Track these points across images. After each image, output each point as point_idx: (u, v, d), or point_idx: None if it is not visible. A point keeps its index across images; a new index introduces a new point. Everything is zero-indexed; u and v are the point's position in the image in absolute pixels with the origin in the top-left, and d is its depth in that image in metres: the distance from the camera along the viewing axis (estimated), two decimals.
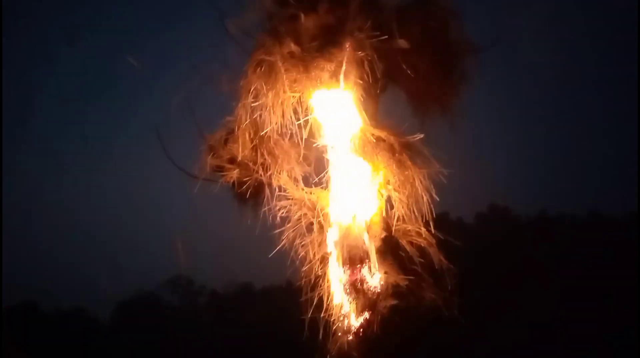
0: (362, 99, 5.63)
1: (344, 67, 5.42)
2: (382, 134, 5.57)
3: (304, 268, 5.49)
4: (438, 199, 5.45)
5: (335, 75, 5.46)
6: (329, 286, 5.43)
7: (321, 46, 5.34)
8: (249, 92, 5.53)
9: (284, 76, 5.39)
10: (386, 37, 5.48)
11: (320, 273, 5.46)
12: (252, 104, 5.54)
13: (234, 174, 5.74)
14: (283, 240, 5.53)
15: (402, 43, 5.45)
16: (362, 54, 5.45)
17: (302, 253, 5.51)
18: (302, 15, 5.40)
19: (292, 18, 5.45)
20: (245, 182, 5.72)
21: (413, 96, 5.92)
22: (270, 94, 5.43)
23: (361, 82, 5.57)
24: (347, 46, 5.43)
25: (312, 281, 5.45)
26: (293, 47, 5.33)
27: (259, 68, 5.47)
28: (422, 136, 5.54)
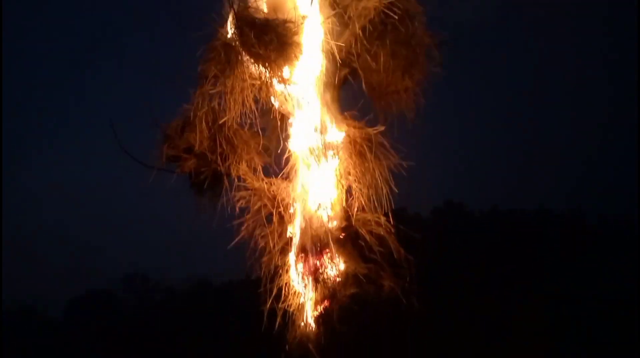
0: (322, 91, 5.60)
1: (301, 61, 5.35)
2: (343, 125, 5.56)
3: (263, 259, 5.41)
4: (397, 191, 5.49)
5: (295, 67, 5.40)
6: (288, 277, 5.39)
7: (280, 44, 5.22)
8: (207, 78, 5.38)
9: (244, 64, 5.28)
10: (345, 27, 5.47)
11: (279, 264, 5.40)
12: (211, 92, 5.40)
13: (191, 164, 5.57)
14: (242, 231, 5.43)
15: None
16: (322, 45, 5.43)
17: (262, 244, 5.43)
18: (262, 11, 5.30)
19: (253, 11, 5.33)
20: (202, 172, 5.57)
21: (373, 88, 5.93)
22: (229, 81, 5.31)
23: (322, 74, 5.54)
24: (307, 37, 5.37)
25: (272, 272, 5.39)
26: (253, 39, 5.20)
27: (218, 54, 5.33)
28: (382, 128, 5.56)
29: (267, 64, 5.26)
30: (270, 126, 5.76)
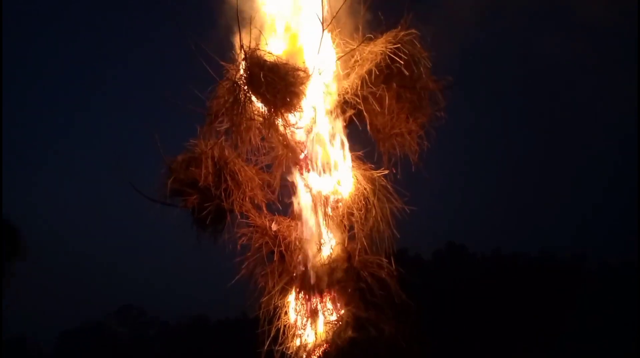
0: (327, 132, 5.67)
1: (306, 107, 5.44)
2: (348, 166, 5.60)
3: (262, 299, 5.33)
4: (398, 235, 5.47)
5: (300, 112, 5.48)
6: (287, 318, 5.29)
7: (287, 92, 5.30)
8: (215, 115, 5.46)
9: (252, 103, 5.37)
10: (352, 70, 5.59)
11: (279, 304, 5.32)
12: (218, 128, 5.47)
13: (195, 199, 5.58)
14: (242, 269, 5.38)
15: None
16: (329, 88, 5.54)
17: (262, 283, 5.37)
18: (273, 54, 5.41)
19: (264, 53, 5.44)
20: (206, 208, 5.56)
21: (378, 130, 5.98)
22: (237, 119, 5.38)
23: (327, 116, 5.63)
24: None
25: (271, 313, 5.30)
26: (262, 80, 5.28)
27: (227, 92, 5.43)
28: (386, 171, 5.58)
29: (272, 109, 5.34)
30: (275, 163, 5.79)
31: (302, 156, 5.56)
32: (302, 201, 5.51)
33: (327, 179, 5.51)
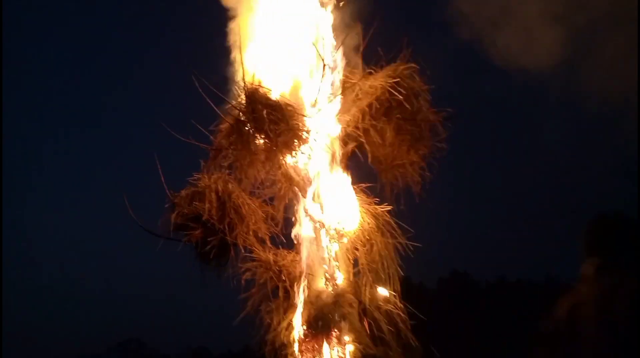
0: (329, 167, 5.70)
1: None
2: (351, 200, 5.61)
3: (268, 336, 5.26)
4: (404, 269, 5.45)
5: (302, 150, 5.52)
6: (293, 354, 5.21)
7: (291, 135, 5.35)
8: (220, 150, 5.50)
9: (256, 138, 5.42)
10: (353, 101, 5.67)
11: (284, 341, 5.24)
12: (222, 163, 5.51)
13: (198, 233, 5.57)
14: (247, 305, 5.33)
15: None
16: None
17: (267, 320, 5.30)
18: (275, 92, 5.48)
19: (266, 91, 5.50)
20: (209, 242, 5.54)
21: (379, 162, 6.03)
22: (240, 154, 5.43)
23: (329, 151, 5.68)
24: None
25: (276, 349, 5.22)
26: (265, 117, 5.33)
27: (231, 126, 5.49)
28: (389, 207, 5.60)
29: (275, 146, 5.38)
30: (278, 196, 5.80)
31: (305, 190, 5.58)
32: (306, 235, 5.50)
33: (331, 213, 5.52)
